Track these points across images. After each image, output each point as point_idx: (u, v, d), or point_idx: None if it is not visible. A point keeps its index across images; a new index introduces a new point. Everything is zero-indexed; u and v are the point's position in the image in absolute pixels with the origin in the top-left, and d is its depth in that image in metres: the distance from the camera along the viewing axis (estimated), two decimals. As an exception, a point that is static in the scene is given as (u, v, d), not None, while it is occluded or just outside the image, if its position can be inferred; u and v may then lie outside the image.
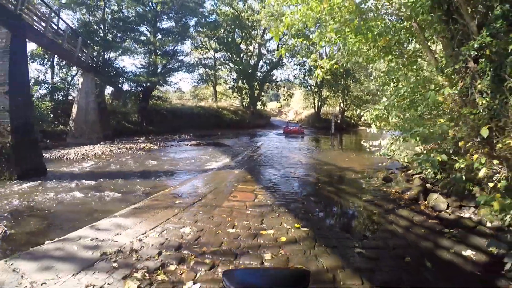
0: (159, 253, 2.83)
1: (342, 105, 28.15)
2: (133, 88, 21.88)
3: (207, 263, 2.65)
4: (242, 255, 2.81)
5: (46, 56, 19.69)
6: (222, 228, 3.48)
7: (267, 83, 30.36)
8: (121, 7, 21.89)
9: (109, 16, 21.58)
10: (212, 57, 28.38)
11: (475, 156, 2.78)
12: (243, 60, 28.51)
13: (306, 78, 27.78)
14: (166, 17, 22.75)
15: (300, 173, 7.34)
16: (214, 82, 29.22)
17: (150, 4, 21.98)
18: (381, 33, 5.04)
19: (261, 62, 29.64)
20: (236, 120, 27.20)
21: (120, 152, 12.51)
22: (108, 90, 23.49)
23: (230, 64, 28.23)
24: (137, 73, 22.24)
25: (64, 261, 2.79)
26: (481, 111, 2.87)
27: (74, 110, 17.95)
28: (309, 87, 28.57)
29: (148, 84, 20.60)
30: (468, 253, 3.02)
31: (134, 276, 2.43)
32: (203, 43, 25.78)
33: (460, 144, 3.18)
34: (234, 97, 32.94)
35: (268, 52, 27.74)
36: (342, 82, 25.85)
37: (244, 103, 29.62)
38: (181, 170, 8.61)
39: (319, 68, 6.38)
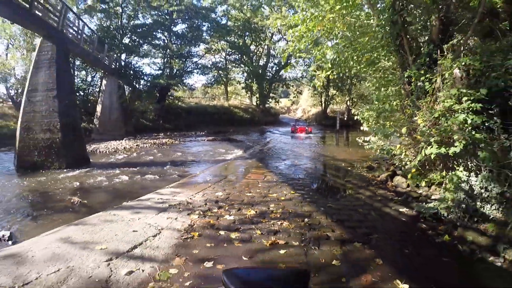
0: (205, 204, 4.63)
1: (348, 103, 29.64)
2: (151, 89, 23.84)
3: (235, 207, 4.43)
4: (256, 205, 4.59)
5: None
6: (242, 193, 5.27)
7: (276, 82, 32.11)
8: (137, 13, 23.88)
9: (126, 21, 23.58)
10: (224, 59, 30.21)
11: (398, 147, 4.48)
12: (253, 61, 30.34)
13: (313, 78, 29.34)
14: (180, 23, 24.71)
15: (300, 163, 9.09)
16: (225, 82, 31.03)
17: (166, 11, 23.91)
18: (362, 50, 6.73)
19: (270, 62, 31.50)
20: (246, 118, 29.00)
21: (145, 146, 14.47)
22: (127, 90, 25.70)
23: (241, 65, 30.00)
24: (155, 75, 24.29)
25: (145, 209, 4.59)
26: (406, 118, 4.53)
27: (99, 109, 20.05)
28: (315, 87, 30.14)
29: (165, 84, 22.54)
30: (403, 209, 4.69)
31: (194, 213, 4.23)
32: (216, 47, 27.57)
33: (401, 139, 4.88)
34: (243, 95, 34.82)
35: (277, 55, 29.36)
36: (348, 81, 27.34)
37: (257, 102, 31.47)
38: (203, 160, 10.47)
39: (317, 78, 8.10)
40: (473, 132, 3.12)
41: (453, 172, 3.39)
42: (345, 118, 28.22)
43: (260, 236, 3.40)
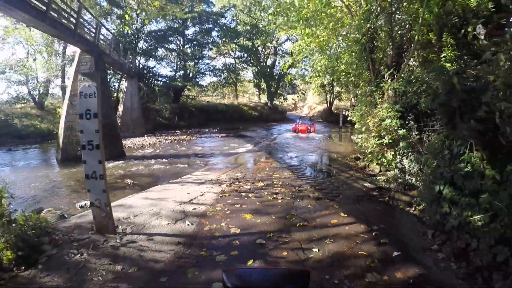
0: (229, 180, 6.78)
1: (352, 100, 31.41)
2: (167, 90, 26.12)
3: (250, 182, 6.56)
4: (264, 180, 6.70)
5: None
6: (254, 174, 7.41)
7: (283, 81, 34.10)
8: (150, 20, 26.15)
9: (140, 26, 25.87)
10: (233, 59, 32.37)
11: (360, 140, 6.55)
12: (261, 61, 32.40)
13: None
14: (192, 27, 26.88)
15: (300, 154, 11.17)
16: (235, 81, 33.16)
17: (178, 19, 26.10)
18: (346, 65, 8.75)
19: (277, 61, 33.54)
20: (255, 115, 31.13)
21: (167, 142, 16.73)
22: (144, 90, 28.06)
23: (250, 65, 32.09)
24: (171, 76, 26.62)
25: (188, 183, 6.73)
26: (367, 120, 6.59)
27: (121, 108, 22.42)
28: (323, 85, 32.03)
29: (181, 86, 24.85)
30: (366, 184, 6.71)
31: (223, 184, 6.37)
32: (226, 49, 29.73)
33: (364, 135, 6.93)
34: (251, 93, 36.99)
35: (284, 55, 31.32)
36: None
37: (268, 100, 33.62)
38: (220, 153, 12.64)
39: (313, 83, 10.17)
40: (399, 131, 5.17)
41: (384, 155, 5.45)
42: (349, 116, 29.94)
43: (266, 195, 5.52)
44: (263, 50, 32.38)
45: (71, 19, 11.61)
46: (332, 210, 4.74)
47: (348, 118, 9.36)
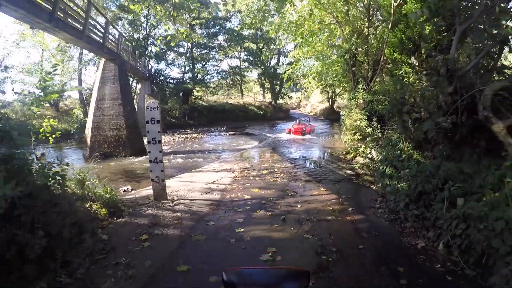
0: (240, 169, 8.68)
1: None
2: (177, 91, 28.12)
3: (256, 170, 8.46)
4: (267, 169, 8.59)
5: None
6: (259, 165, 9.32)
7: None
8: (159, 23, 28.19)
9: (150, 30, 27.94)
10: (238, 59, 34.31)
11: (341, 137, 8.37)
12: (265, 62, 34.21)
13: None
14: (200, 32, 28.79)
15: (300, 149, 13.03)
16: (240, 81, 35.05)
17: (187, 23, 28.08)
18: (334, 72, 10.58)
19: (280, 62, 35.34)
20: (260, 114, 32.98)
21: (180, 139, 18.70)
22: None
23: (255, 66, 34.00)
24: (180, 78, 28.63)
25: (208, 171, 8.66)
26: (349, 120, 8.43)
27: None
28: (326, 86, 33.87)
29: (190, 88, 26.88)
30: (349, 171, 8.56)
31: (235, 172, 8.27)
32: (232, 52, 31.68)
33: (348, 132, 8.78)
34: (256, 93, 38.88)
35: (286, 56, 33.13)
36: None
37: (272, 99, 35.53)
38: (229, 149, 14.54)
39: (309, 86, 12.03)
40: (366, 129, 7.02)
41: (357, 148, 7.31)
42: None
43: (269, 178, 7.41)
44: (267, 51, 34.16)
45: (100, 33, 13.57)
46: (316, 187, 6.62)
47: (341, 118, 11.20)
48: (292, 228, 4.08)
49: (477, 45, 4.36)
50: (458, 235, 3.15)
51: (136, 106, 24.82)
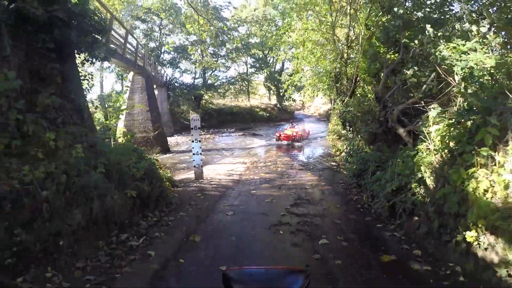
0: (250, 162, 11.62)
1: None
2: (189, 96, 31.21)
3: (262, 162, 11.41)
4: (272, 162, 11.51)
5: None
6: (265, 159, 12.28)
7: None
8: (172, 33, 31.42)
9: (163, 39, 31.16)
10: (245, 67, 37.35)
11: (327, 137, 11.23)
12: (271, 66, 37.15)
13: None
14: (210, 41, 31.86)
15: (299, 148, 15.92)
16: (247, 86, 38.06)
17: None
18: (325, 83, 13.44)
19: (285, 67, 38.24)
20: (266, 116, 35.86)
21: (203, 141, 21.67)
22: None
23: (261, 71, 37.02)
24: (191, 84, 31.71)
25: (225, 164, 11.61)
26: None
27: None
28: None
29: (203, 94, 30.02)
30: (333, 163, 11.43)
31: (247, 164, 11.20)
32: (239, 59, 34.77)
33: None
34: (262, 95, 41.87)
35: (290, 61, 36.03)
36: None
37: (277, 101, 38.51)
38: (239, 147, 17.47)
39: (306, 93, 14.96)
40: (342, 131, 9.88)
41: (337, 146, 10.18)
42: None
43: (272, 168, 10.34)
44: (272, 57, 37.13)
45: (132, 53, 16.62)
46: (305, 173, 9.52)
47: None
48: (283, 191, 7.00)
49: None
50: (371, 190, 6.01)
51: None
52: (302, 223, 4.75)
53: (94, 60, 5.77)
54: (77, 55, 5.47)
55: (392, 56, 7.71)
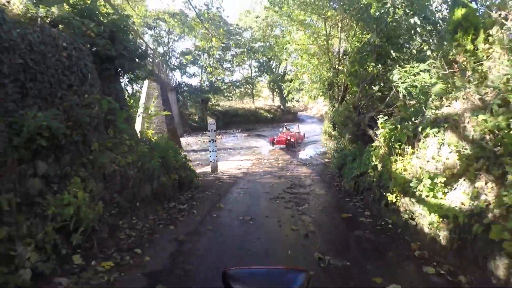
0: (256, 159, 13.68)
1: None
2: (197, 98, 33.41)
3: (266, 159, 13.47)
4: (274, 159, 13.58)
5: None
6: (268, 157, 14.33)
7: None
8: (180, 38, 33.66)
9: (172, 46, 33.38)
10: (250, 70, 39.49)
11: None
12: (274, 69, 39.24)
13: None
14: (216, 47, 34.09)
15: (299, 146, 17.94)
16: (252, 89, 40.18)
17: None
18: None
19: (287, 70, 40.26)
20: (269, 117, 37.93)
21: (205, 140, 23.74)
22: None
23: (264, 77, 39.11)
24: (198, 87, 33.87)
25: (234, 161, 13.70)
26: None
27: (164, 115, 29.75)
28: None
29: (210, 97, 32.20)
30: (327, 160, 13.44)
31: (252, 161, 13.24)
32: (244, 63, 36.91)
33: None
34: (266, 97, 43.94)
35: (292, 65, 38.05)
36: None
37: (281, 103, 40.59)
38: (245, 147, 19.54)
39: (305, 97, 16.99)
40: (332, 132, 11.87)
41: (328, 144, 12.19)
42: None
43: (274, 163, 12.40)
44: (276, 61, 39.20)
45: (150, 62, 18.73)
46: (301, 167, 11.55)
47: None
48: (282, 180, 9.04)
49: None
50: (345, 177, 8.00)
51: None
52: (293, 197, 6.80)
53: (137, 80, 7.88)
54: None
55: (369, 70, 9.72)
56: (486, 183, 3.48)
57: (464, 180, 3.77)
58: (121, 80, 7.79)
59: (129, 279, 3.26)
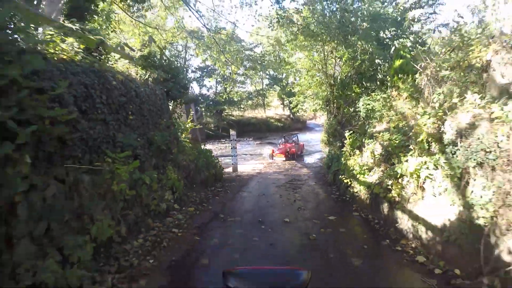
0: (267, 163, 17.26)
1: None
2: (213, 109, 37.35)
3: (275, 163, 17.02)
4: (281, 163, 17.13)
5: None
6: (278, 161, 17.90)
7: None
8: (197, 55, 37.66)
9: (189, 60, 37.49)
10: (261, 84, 43.33)
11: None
12: (283, 81, 42.99)
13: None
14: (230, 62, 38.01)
15: (305, 152, 21.43)
16: (263, 100, 43.99)
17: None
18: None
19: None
20: (280, 126, 41.54)
21: (222, 147, 27.48)
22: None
23: (274, 89, 42.91)
24: (214, 99, 37.85)
25: (250, 164, 17.31)
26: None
27: (184, 125, 33.78)
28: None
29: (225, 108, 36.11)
30: (322, 163, 16.92)
31: (265, 164, 16.83)
32: (255, 77, 40.82)
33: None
34: (277, 106, 47.68)
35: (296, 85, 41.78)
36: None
37: (290, 112, 44.23)
38: (258, 153, 23.14)
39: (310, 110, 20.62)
40: (330, 139, 15.40)
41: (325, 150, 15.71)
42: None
43: (282, 165, 15.96)
44: (284, 73, 42.99)
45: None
46: (302, 169, 15.08)
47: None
48: (286, 177, 12.60)
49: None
50: (330, 173, 11.51)
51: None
52: (291, 186, 10.39)
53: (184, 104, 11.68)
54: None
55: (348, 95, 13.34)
56: (385, 168, 6.99)
57: (376, 167, 7.30)
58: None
59: (204, 214, 6.90)
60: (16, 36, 3.07)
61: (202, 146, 13.15)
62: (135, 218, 5.09)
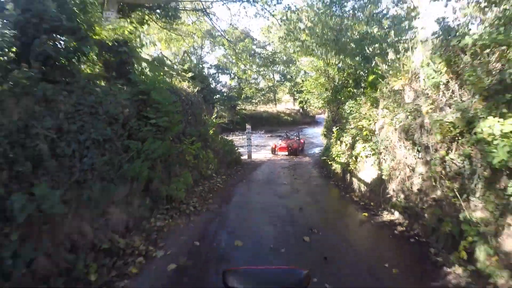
0: (266, 158, 21.16)
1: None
2: (227, 104, 41.31)
3: (277, 156, 20.92)
4: (281, 159, 21.04)
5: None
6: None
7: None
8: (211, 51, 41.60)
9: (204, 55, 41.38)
10: (272, 80, 47.02)
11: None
12: (292, 78, 46.59)
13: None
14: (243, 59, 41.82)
15: (310, 145, 25.21)
16: (274, 96, 47.76)
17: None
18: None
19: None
20: (290, 120, 45.30)
21: (236, 139, 31.38)
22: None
23: (285, 86, 46.58)
24: (228, 94, 41.81)
25: (261, 153, 21.22)
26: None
27: (200, 118, 37.86)
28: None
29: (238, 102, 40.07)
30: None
31: (272, 154, 20.73)
32: (267, 73, 44.58)
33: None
34: (287, 101, 51.36)
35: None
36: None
37: (300, 107, 47.88)
38: (269, 145, 26.99)
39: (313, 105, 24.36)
40: (331, 137, 19.17)
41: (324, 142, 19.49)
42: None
43: (286, 159, 19.81)
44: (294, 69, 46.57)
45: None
46: (305, 157, 18.94)
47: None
48: (290, 162, 16.51)
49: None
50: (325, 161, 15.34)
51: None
52: (293, 168, 14.31)
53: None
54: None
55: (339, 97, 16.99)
56: (350, 152, 10.81)
57: (346, 152, 11.12)
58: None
59: (233, 179, 10.91)
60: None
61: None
62: (197, 175, 9.11)
